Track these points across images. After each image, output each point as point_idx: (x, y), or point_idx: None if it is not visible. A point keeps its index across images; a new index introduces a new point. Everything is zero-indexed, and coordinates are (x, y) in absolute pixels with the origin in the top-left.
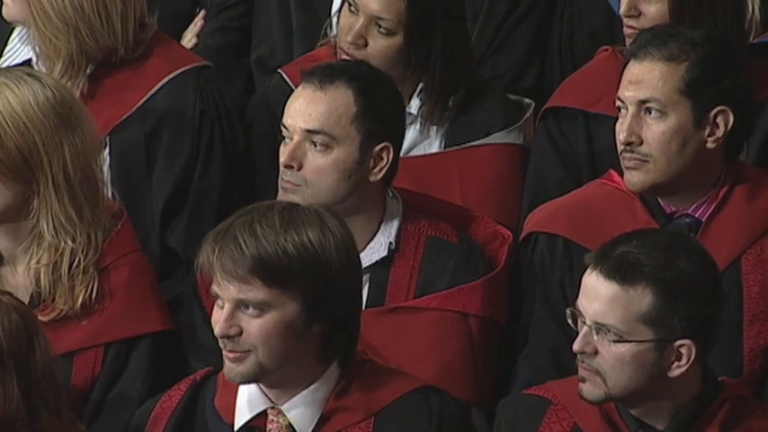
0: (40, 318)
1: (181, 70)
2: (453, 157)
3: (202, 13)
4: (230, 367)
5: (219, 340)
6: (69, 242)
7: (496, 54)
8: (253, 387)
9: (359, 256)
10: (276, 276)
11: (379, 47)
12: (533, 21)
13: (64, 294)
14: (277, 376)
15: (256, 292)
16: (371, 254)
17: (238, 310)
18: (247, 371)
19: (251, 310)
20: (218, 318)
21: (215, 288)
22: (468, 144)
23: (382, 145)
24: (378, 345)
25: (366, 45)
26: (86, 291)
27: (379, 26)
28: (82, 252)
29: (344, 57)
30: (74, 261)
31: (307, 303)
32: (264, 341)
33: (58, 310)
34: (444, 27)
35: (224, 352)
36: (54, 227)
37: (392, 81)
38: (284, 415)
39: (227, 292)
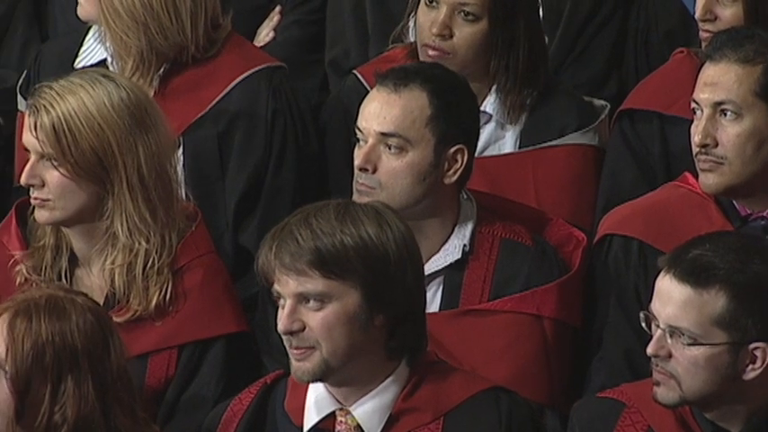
0: (115, 319)
1: (254, 70)
2: (528, 157)
3: (278, 8)
4: (297, 366)
5: (284, 338)
6: (143, 243)
7: (577, 63)
8: (321, 388)
9: (419, 252)
10: (333, 266)
11: (465, 35)
12: (613, 29)
13: (138, 295)
14: (344, 374)
15: (315, 284)
16: (445, 256)
17: (299, 305)
18: (313, 368)
19: (312, 304)
20: (280, 315)
21: (276, 287)
22: (543, 144)
23: (457, 147)
24: (451, 347)
25: (452, 36)
26: (160, 292)
27: (464, 13)
28: (156, 253)
29: (430, 53)
30: (148, 262)
31: (366, 294)
32: (327, 334)
33: (132, 311)
34: (525, 9)
35: (289, 351)
36: (128, 228)
37: (466, 82)
38: (353, 416)
39: (286, 287)
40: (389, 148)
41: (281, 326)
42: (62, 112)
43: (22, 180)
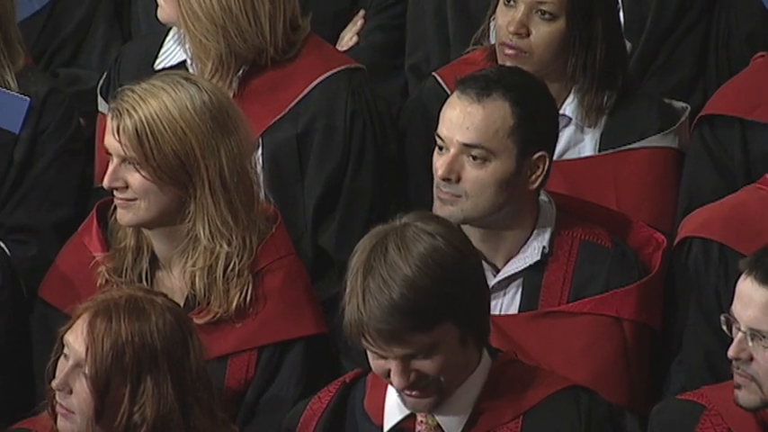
0: (195, 320)
1: (333, 71)
2: (608, 160)
3: (362, 12)
4: (415, 402)
5: (400, 388)
6: (225, 246)
7: (662, 71)
8: None
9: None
10: (431, 318)
11: (542, 34)
12: (698, 35)
13: (219, 297)
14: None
15: (423, 342)
16: (525, 258)
17: (407, 361)
18: (435, 401)
19: (420, 357)
20: (380, 365)
21: (372, 348)
22: (624, 147)
23: (539, 154)
24: (530, 349)
25: (529, 34)
26: (241, 294)
27: (541, 12)
28: (237, 256)
29: (507, 51)
30: (229, 264)
31: (462, 321)
32: (444, 371)
33: (212, 313)
34: (603, 9)
35: (403, 394)
36: (210, 230)
37: (546, 88)
38: (433, 416)
39: (391, 353)
40: (472, 158)
41: (398, 384)
42: (144, 116)
43: (105, 182)
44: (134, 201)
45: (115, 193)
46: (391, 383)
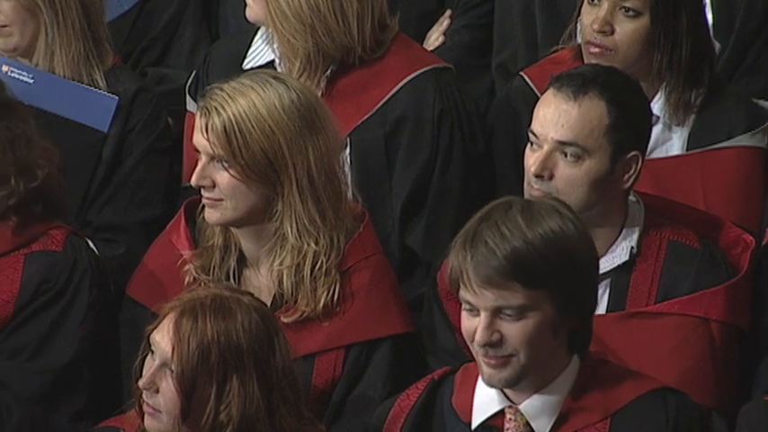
0: (283, 319)
1: (421, 71)
2: (696, 159)
3: (448, 12)
4: (491, 373)
5: (478, 348)
6: (312, 244)
7: (751, 73)
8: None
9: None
10: (533, 277)
11: (626, 31)
12: None
13: (306, 296)
14: (533, 377)
15: (516, 297)
16: (613, 258)
17: (496, 316)
18: (510, 375)
19: (510, 315)
20: (470, 325)
21: (467, 296)
22: (712, 146)
23: (632, 154)
24: (618, 349)
25: (613, 32)
26: (328, 293)
27: (625, 9)
28: (324, 254)
29: (591, 50)
30: (316, 263)
31: (561, 300)
32: (528, 343)
33: (300, 311)
34: (687, 5)
35: (482, 358)
36: (297, 229)
37: (641, 88)
38: (522, 414)
39: (483, 300)
40: (566, 156)
41: (479, 338)
42: (233, 114)
43: (193, 181)
44: (221, 200)
45: (203, 191)
46: (474, 349)
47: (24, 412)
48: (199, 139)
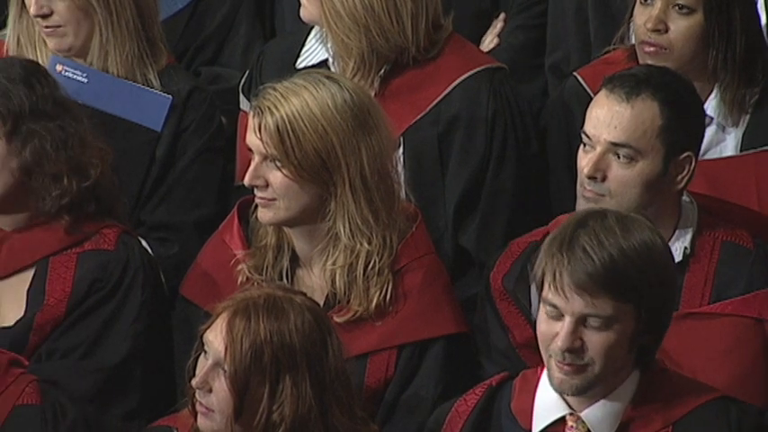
0: (335, 319)
1: (475, 71)
2: (750, 160)
3: (502, 15)
4: (563, 379)
5: (556, 353)
6: (365, 244)
7: None
8: (551, 392)
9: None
10: (624, 289)
11: (680, 29)
12: None
13: (359, 296)
14: (600, 387)
15: (605, 307)
16: None
17: (581, 323)
18: (582, 383)
19: (595, 324)
20: (549, 329)
21: (554, 300)
22: (766, 147)
23: (685, 155)
24: (672, 351)
25: (667, 30)
26: (381, 293)
27: (678, 6)
28: (377, 254)
29: (646, 49)
30: (369, 263)
31: (645, 317)
32: (605, 355)
33: (352, 311)
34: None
35: (556, 363)
36: (350, 229)
37: (694, 88)
38: (583, 422)
39: (572, 305)
40: (618, 157)
41: (561, 343)
42: (286, 114)
43: (246, 181)
44: (275, 199)
45: (256, 191)
46: (547, 353)
47: (78, 411)
48: (252, 139)
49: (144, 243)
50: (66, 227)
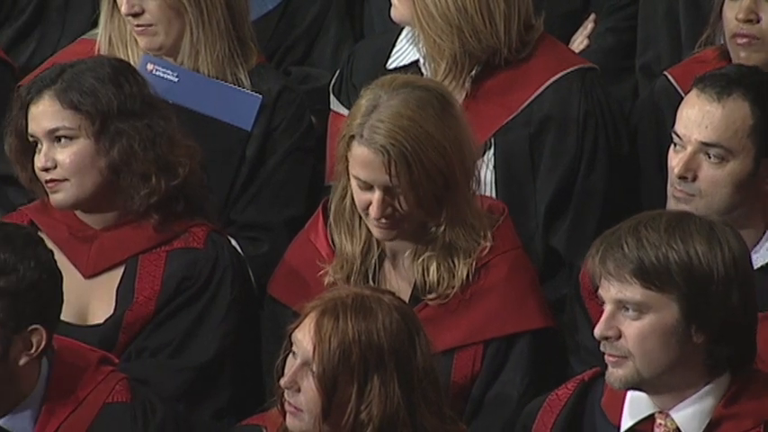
0: (422, 315)
1: (566, 71)
2: None
3: (593, 15)
4: (610, 371)
5: (601, 343)
6: (453, 238)
7: None
8: (639, 391)
9: (751, 271)
10: (654, 278)
11: None
12: None
13: (444, 292)
14: (659, 384)
15: (634, 293)
16: (756, 259)
17: (618, 312)
18: (625, 376)
19: (630, 313)
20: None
21: (600, 291)
22: None
23: None
24: (761, 350)
25: (759, 20)
26: (468, 287)
27: None
28: (463, 250)
29: (738, 41)
30: (456, 257)
31: (686, 310)
32: (641, 345)
33: (439, 307)
34: None
35: (605, 356)
36: (435, 225)
37: None
38: (672, 419)
39: (607, 292)
40: (709, 157)
41: (597, 330)
42: (407, 142)
43: (375, 214)
44: (401, 220)
45: (383, 220)
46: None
47: (167, 409)
48: (374, 175)
49: (233, 242)
50: (155, 225)
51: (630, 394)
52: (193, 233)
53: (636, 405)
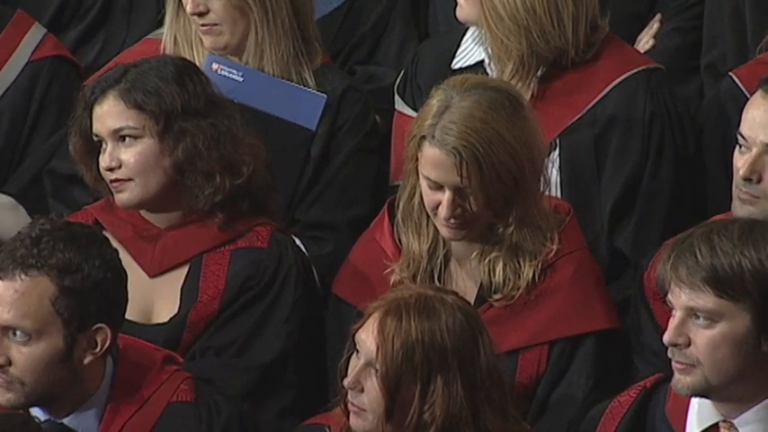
0: (486, 315)
1: (632, 72)
2: None
3: (658, 15)
4: (677, 378)
5: (668, 349)
6: (519, 239)
7: None
8: (705, 398)
9: None
10: (727, 287)
11: None
12: None
13: (511, 292)
14: (726, 392)
15: (706, 301)
16: None
17: (689, 319)
18: (693, 383)
19: (701, 321)
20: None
21: (669, 297)
22: None
23: None
24: None
25: None
26: (533, 288)
27: None
28: (530, 251)
29: None
30: (522, 257)
31: (758, 319)
32: (711, 353)
33: (504, 307)
34: None
35: (672, 362)
36: (503, 226)
37: None
38: (737, 429)
39: (678, 299)
40: None
41: (666, 336)
42: (480, 143)
43: (445, 215)
44: (471, 221)
45: (453, 220)
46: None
47: (232, 409)
48: (445, 177)
49: (298, 241)
50: (219, 224)
51: (696, 402)
52: (258, 232)
53: (700, 413)
